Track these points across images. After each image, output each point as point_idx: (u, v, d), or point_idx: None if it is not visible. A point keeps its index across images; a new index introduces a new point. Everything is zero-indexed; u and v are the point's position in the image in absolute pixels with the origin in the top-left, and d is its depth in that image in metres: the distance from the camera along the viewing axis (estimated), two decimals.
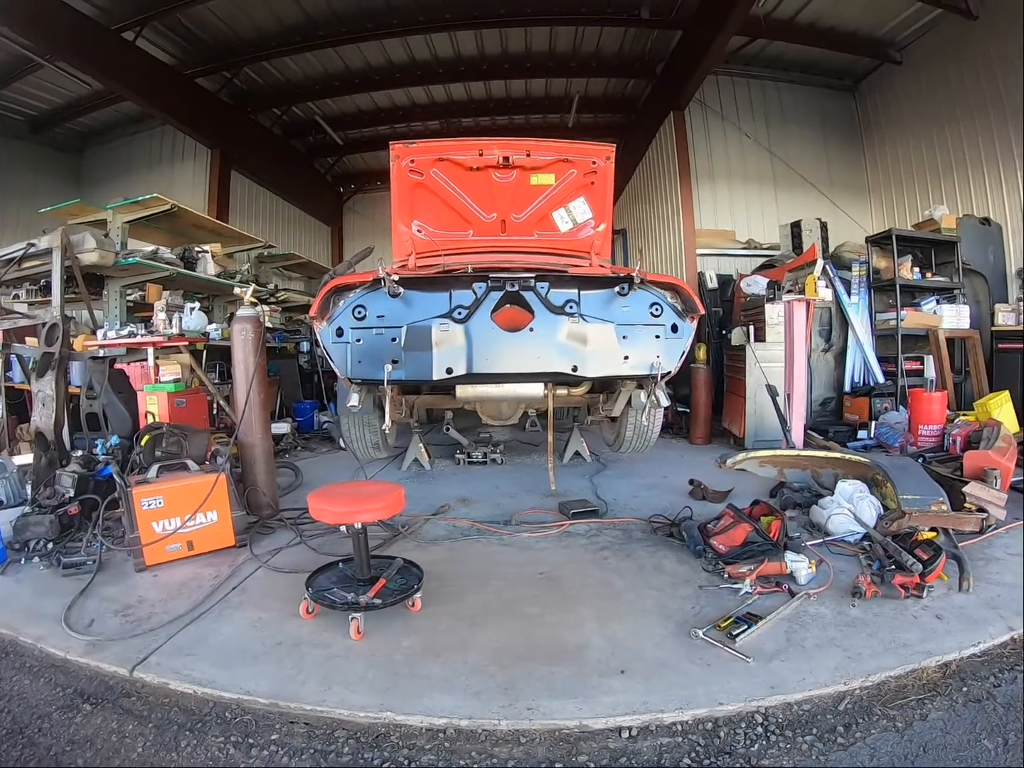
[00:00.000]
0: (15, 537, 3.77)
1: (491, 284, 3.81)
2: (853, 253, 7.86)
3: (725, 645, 2.50)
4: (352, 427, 5.29)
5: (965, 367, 7.34)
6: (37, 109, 11.84)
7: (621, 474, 5.71)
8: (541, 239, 5.12)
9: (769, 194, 11.43)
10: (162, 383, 5.82)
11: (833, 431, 6.66)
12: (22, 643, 2.75)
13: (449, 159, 4.97)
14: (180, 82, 10.55)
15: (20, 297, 6.57)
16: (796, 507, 4.29)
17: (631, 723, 2.11)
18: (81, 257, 5.49)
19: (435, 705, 2.18)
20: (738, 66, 11.15)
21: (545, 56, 11.41)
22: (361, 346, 3.81)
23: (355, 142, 14.73)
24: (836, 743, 2.01)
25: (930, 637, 2.55)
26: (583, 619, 2.83)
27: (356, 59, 11.31)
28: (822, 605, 2.87)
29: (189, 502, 3.63)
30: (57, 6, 7.97)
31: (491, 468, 6.00)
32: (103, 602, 3.10)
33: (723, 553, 3.36)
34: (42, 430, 4.51)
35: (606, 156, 5.06)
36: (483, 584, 3.25)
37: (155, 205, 6.54)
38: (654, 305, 3.97)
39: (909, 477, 3.94)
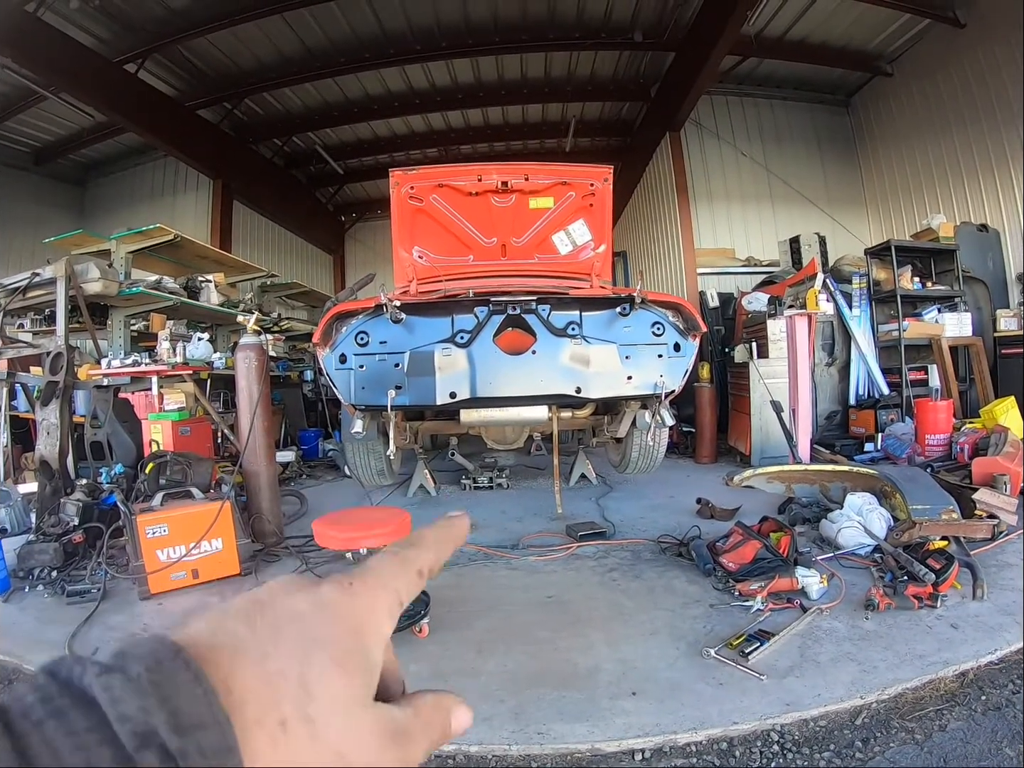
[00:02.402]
0: (19, 565, 3.77)
1: (493, 308, 3.81)
2: (853, 266, 7.87)
3: (738, 663, 2.47)
4: (357, 454, 5.28)
5: (969, 375, 7.32)
6: (41, 140, 11.99)
7: (628, 495, 5.68)
8: (542, 262, 5.14)
9: (767, 211, 11.49)
10: (166, 412, 5.83)
11: (840, 444, 6.62)
12: (26, 671, 2.74)
13: (448, 185, 5.02)
14: (182, 113, 10.70)
15: (25, 326, 6.61)
16: (805, 522, 4.26)
17: (644, 745, 2.08)
18: (85, 287, 5.53)
19: None
20: (732, 85, 11.25)
21: (541, 82, 11.56)
22: (364, 372, 3.80)
23: (355, 171, 14.87)
24: (855, 758, 1.98)
25: (946, 647, 2.52)
26: (593, 642, 2.80)
27: (355, 89, 11.47)
28: (835, 619, 2.84)
29: (194, 530, 3.62)
30: (60, 38, 8.11)
31: (497, 493, 5.97)
32: (108, 630, 3.08)
33: (733, 571, 3.33)
34: (46, 459, 4.51)
35: (604, 178, 5.09)
36: (491, 609, 3.22)
37: (158, 235, 6.58)
38: (656, 324, 3.96)
39: (918, 487, 3.92)
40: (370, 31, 9.72)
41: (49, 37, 7.94)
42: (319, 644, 0.30)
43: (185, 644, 0.28)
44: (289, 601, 0.32)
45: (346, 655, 0.31)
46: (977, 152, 8.93)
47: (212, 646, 0.28)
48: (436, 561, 0.39)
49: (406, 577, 0.37)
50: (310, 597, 0.32)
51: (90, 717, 0.24)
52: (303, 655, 0.29)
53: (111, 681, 0.25)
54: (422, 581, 0.38)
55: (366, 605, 0.33)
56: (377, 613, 0.34)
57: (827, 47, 10.22)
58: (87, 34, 8.77)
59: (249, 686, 0.27)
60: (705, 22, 8.71)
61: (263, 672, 0.28)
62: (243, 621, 0.30)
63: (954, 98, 9.23)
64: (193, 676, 0.26)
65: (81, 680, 0.25)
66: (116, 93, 9.15)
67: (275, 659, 0.29)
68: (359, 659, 0.31)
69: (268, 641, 0.29)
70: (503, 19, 9.66)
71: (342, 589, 0.33)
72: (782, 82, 11.51)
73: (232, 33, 9.30)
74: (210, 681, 0.26)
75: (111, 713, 0.24)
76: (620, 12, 9.46)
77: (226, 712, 0.26)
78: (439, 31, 9.85)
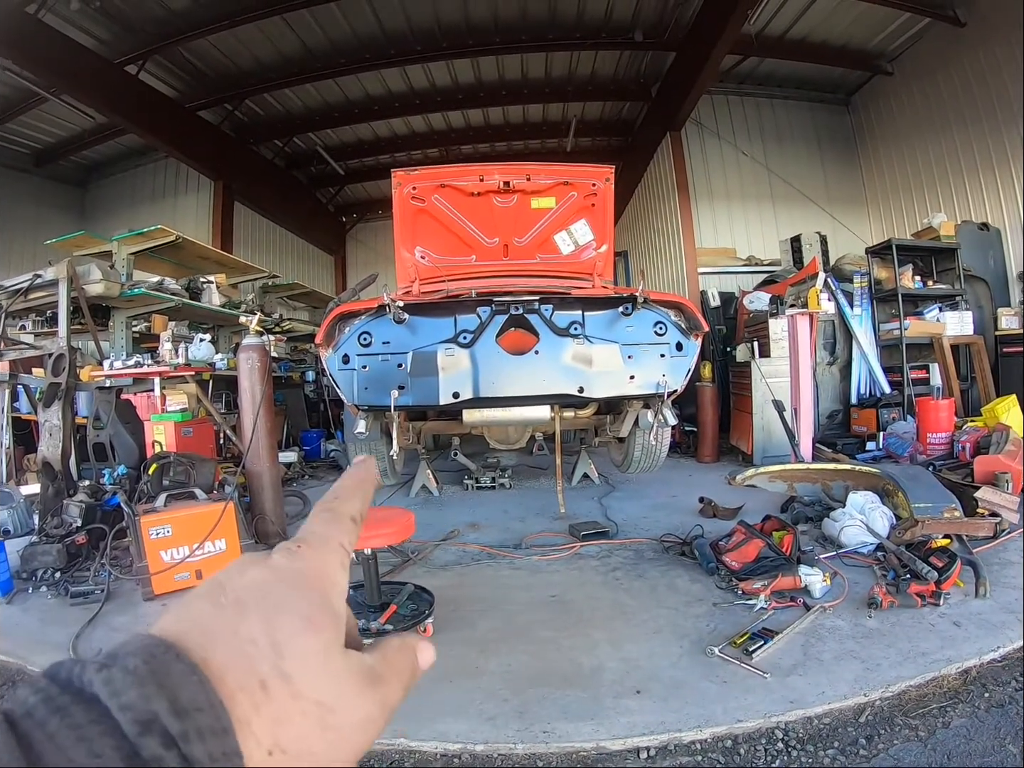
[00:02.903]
0: (23, 566, 3.77)
1: (495, 308, 3.82)
2: (854, 265, 7.87)
3: (742, 662, 2.47)
4: (359, 454, 5.27)
5: (971, 373, 7.31)
6: (41, 142, 12.00)
7: (630, 495, 5.68)
8: (544, 262, 5.15)
9: (768, 210, 11.49)
10: (169, 413, 5.83)
11: (842, 443, 6.63)
12: (30, 672, 2.74)
13: (450, 185, 5.02)
14: (182, 115, 10.71)
15: (26, 328, 6.61)
16: (808, 521, 4.26)
17: (649, 743, 2.09)
18: (87, 288, 5.53)
19: (449, 730, 2.16)
20: (732, 85, 11.26)
21: (542, 82, 11.57)
22: (367, 373, 3.81)
23: (356, 171, 14.87)
24: (859, 756, 1.99)
25: (949, 644, 2.53)
26: (596, 641, 2.80)
27: (355, 89, 11.48)
28: (838, 618, 2.85)
29: (197, 531, 3.63)
30: (61, 40, 8.12)
31: (500, 493, 5.97)
32: (111, 631, 3.09)
33: (736, 570, 3.33)
34: (49, 460, 4.51)
35: (605, 178, 5.10)
36: (495, 608, 3.23)
37: (160, 236, 6.58)
38: (658, 324, 3.96)
39: (920, 485, 3.92)
40: (370, 32, 9.72)
41: (50, 39, 7.95)
42: (282, 607, 0.31)
43: (165, 636, 0.29)
44: (246, 576, 0.33)
45: (311, 610, 0.32)
46: (978, 150, 8.93)
47: (186, 632, 0.29)
48: (363, 505, 0.41)
49: (344, 527, 0.38)
50: (265, 568, 0.34)
51: (91, 711, 0.25)
52: (269, 619, 0.30)
53: (111, 675, 0.26)
54: (358, 527, 0.39)
55: (318, 563, 0.35)
56: (329, 568, 0.35)
57: (827, 46, 10.22)
58: (88, 35, 8.78)
59: (226, 659, 0.28)
60: (706, 21, 8.71)
61: (236, 643, 0.29)
62: (208, 603, 0.32)
63: (955, 97, 9.23)
64: (185, 664, 0.27)
65: (81, 679, 0.26)
66: (117, 94, 9.16)
67: (244, 628, 0.30)
68: (323, 613, 0.32)
69: (234, 615, 0.30)
70: (503, 19, 9.67)
71: (292, 554, 0.35)
72: (783, 81, 11.51)
73: (232, 34, 9.31)
74: (200, 668, 0.27)
75: (113, 704, 0.25)
76: (620, 12, 9.47)
77: (219, 695, 0.27)
78: (439, 31, 9.86)
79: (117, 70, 9.16)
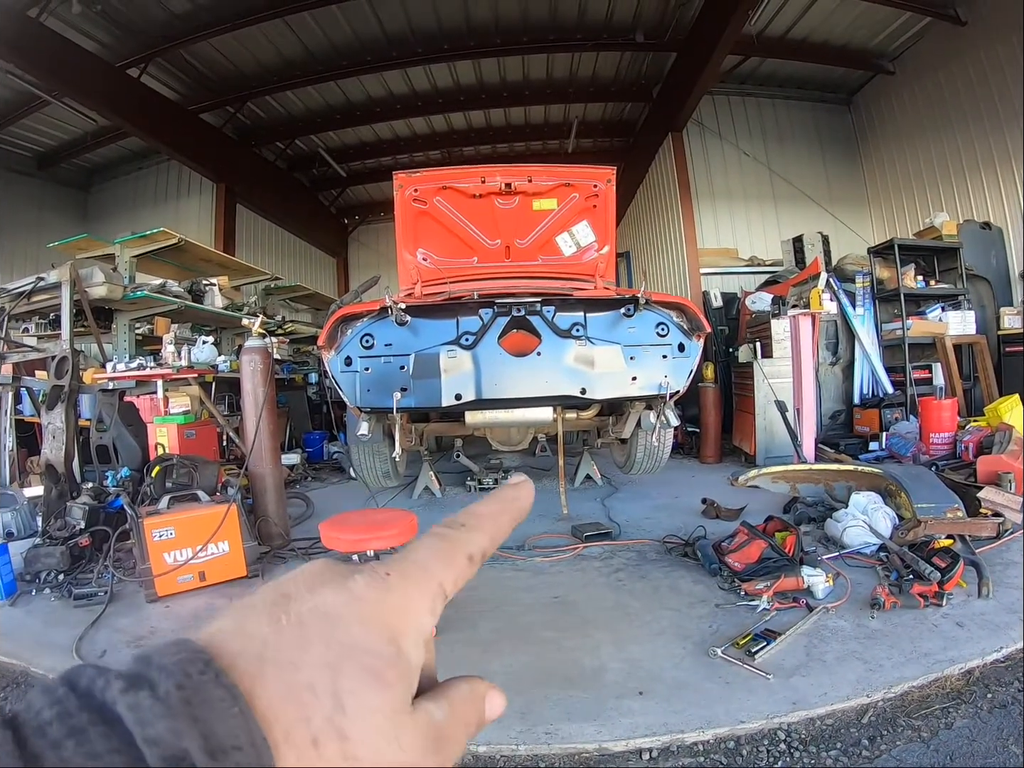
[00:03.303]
0: (26, 569, 3.78)
1: (497, 310, 3.81)
2: (856, 265, 7.87)
3: (744, 663, 2.47)
4: (362, 456, 5.28)
5: (973, 373, 7.30)
6: (44, 145, 12.02)
7: (633, 496, 5.68)
8: (545, 263, 5.15)
9: (770, 210, 11.48)
10: (172, 415, 5.85)
11: (844, 444, 6.62)
12: (34, 673, 2.76)
13: (452, 187, 5.02)
14: (184, 117, 10.72)
15: (29, 330, 6.62)
16: (811, 521, 4.26)
17: (651, 744, 2.09)
18: (90, 291, 5.55)
19: None
20: (733, 85, 11.25)
21: (543, 83, 11.57)
22: (370, 375, 3.80)
23: (358, 173, 14.86)
24: (861, 756, 1.99)
25: (952, 645, 2.53)
26: (599, 642, 2.80)
27: (357, 91, 11.49)
28: (841, 618, 2.85)
29: (200, 533, 3.63)
30: (62, 43, 8.13)
31: None
32: (115, 633, 3.09)
33: (739, 571, 3.33)
34: (52, 462, 4.53)
35: (607, 179, 5.10)
36: (497, 609, 3.23)
37: (162, 239, 6.60)
38: (660, 325, 3.96)
39: (923, 486, 3.92)
40: (371, 33, 9.73)
41: (51, 42, 7.96)
42: (351, 651, 0.28)
43: (211, 650, 0.26)
44: (317, 597, 0.29)
45: (382, 663, 0.28)
46: (980, 149, 8.91)
47: (238, 652, 0.26)
48: (491, 543, 0.35)
49: (453, 564, 0.33)
50: (341, 592, 0.30)
51: (112, 738, 0.22)
52: (334, 663, 0.27)
53: (138, 699, 0.23)
54: (473, 567, 0.34)
55: (404, 600, 0.31)
56: (416, 609, 0.31)
57: (828, 46, 10.20)
58: (89, 39, 8.79)
59: (277, 700, 0.25)
60: (706, 22, 8.70)
61: (292, 683, 0.26)
62: (268, 620, 0.28)
63: (956, 95, 9.21)
64: (226, 692, 0.24)
65: (103, 694, 0.23)
66: (119, 97, 9.17)
67: (304, 669, 0.26)
68: (395, 664, 0.29)
69: (295, 646, 0.27)
70: (504, 21, 9.66)
71: (377, 582, 0.30)
72: (784, 81, 11.49)
73: (234, 37, 9.31)
74: (244, 698, 0.24)
75: (138, 734, 0.22)
76: (621, 13, 9.46)
77: (263, 733, 0.24)
78: (441, 33, 9.86)
79: (119, 73, 9.18)
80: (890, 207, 11.07)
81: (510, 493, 0.39)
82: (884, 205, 11.25)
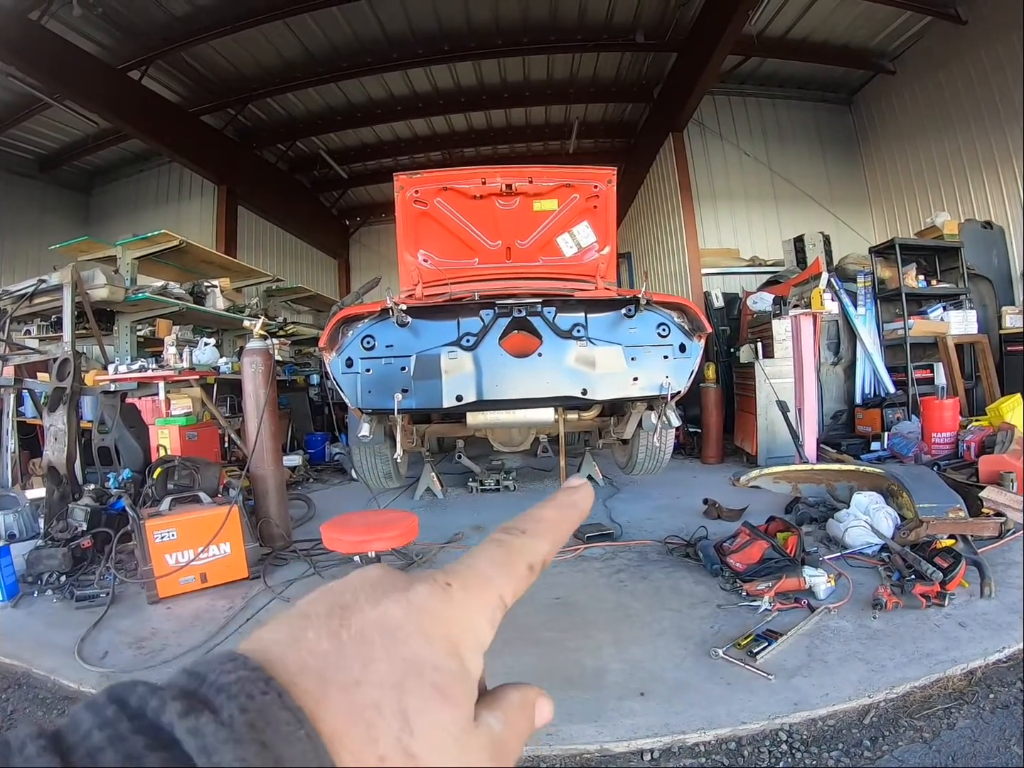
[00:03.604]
0: (28, 570, 3.79)
1: (498, 311, 3.81)
2: (857, 265, 7.86)
3: (746, 663, 2.47)
4: (364, 457, 5.28)
5: (975, 372, 7.30)
6: (45, 148, 12.05)
7: (634, 496, 5.68)
8: (546, 264, 5.15)
9: (771, 210, 11.47)
10: (173, 417, 5.86)
11: (846, 444, 6.61)
12: (35, 675, 2.76)
13: (452, 188, 5.03)
14: (186, 120, 10.74)
15: (31, 333, 6.64)
16: (812, 522, 4.25)
17: (653, 745, 2.08)
18: (91, 293, 5.56)
19: None
20: (734, 85, 11.25)
21: (543, 84, 11.57)
22: (371, 376, 3.80)
23: (359, 175, 14.88)
24: (863, 757, 1.99)
25: (954, 645, 2.52)
26: (600, 643, 2.80)
27: (357, 93, 11.50)
28: (843, 619, 2.84)
29: (202, 534, 3.64)
30: (63, 46, 8.15)
31: (504, 495, 5.97)
32: (116, 634, 3.10)
33: (740, 571, 3.33)
34: (54, 464, 4.54)
35: (607, 180, 5.10)
36: None
37: (164, 241, 6.61)
38: (661, 326, 3.95)
39: (925, 485, 3.91)
40: (372, 35, 9.74)
41: (53, 44, 7.98)
42: (416, 667, 0.27)
43: (268, 668, 0.25)
44: (379, 609, 0.29)
45: (447, 680, 0.28)
46: (981, 149, 8.90)
47: (298, 670, 0.25)
48: (551, 550, 0.35)
49: (513, 574, 0.32)
50: (401, 603, 0.29)
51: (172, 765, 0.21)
52: (399, 681, 0.26)
53: (200, 724, 0.21)
54: (533, 576, 0.33)
55: (465, 612, 0.30)
56: (476, 620, 0.30)
57: (829, 46, 10.20)
58: (90, 41, 8.82)
59: (342, 721, 0.24)
60: (707, 22, 8.70)
61: (357, 703, 0.25)
62: (327, 634, 0.27)
63: (957, 95, 9.21)
64: (291, 715, 0.23)
65: (158, 716, 0.22)
66: (120, 100, 9.19)
67: (368, 687, 0.26)
68: (460, 680, 0.28)
69: (357, 662, 0.26)
70: (505, 22, 9.67)
71: (438, 592, 0.30)
72: (784, 81, 11.50)
73: (234, 39, 9.33)
74: (309, 720, 0.23)
75: (202, 764, 0.21)
76: (622, 14, 9.47)
77: (331, 758, 0.23)
78: (441, 34, 9.87)
79: (120, 75, 9.20)
80: (891, 207, 11.06)
81: (570, 497, 0.38)
82: (885, 205, 11.24)
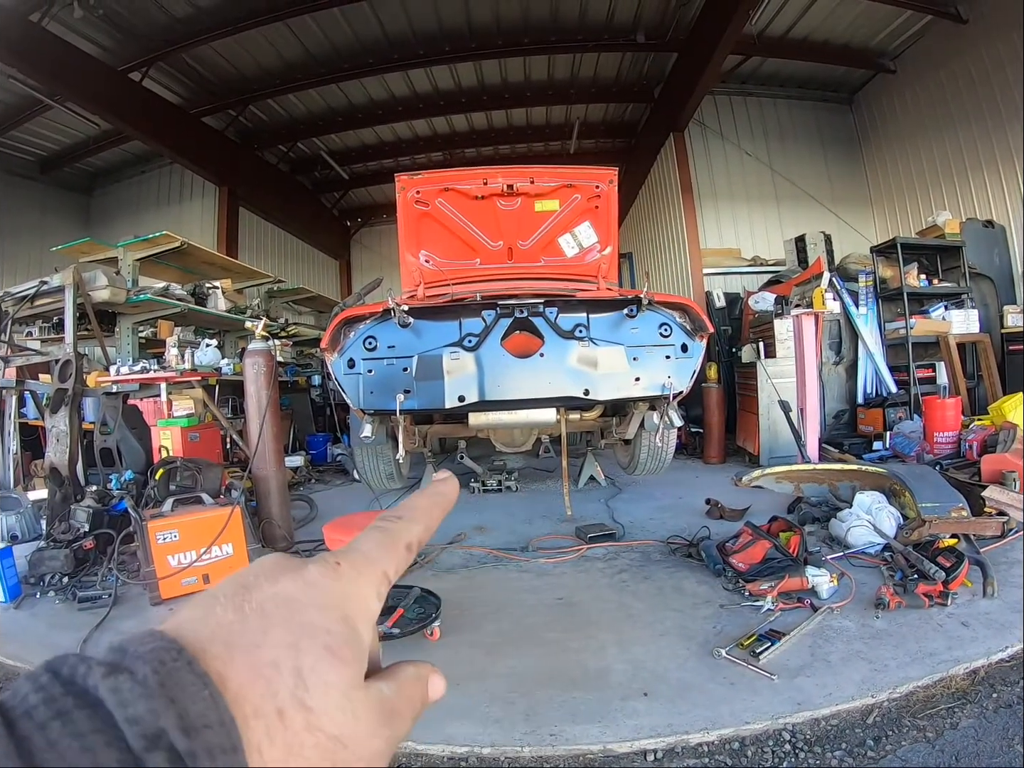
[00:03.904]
0: (30, 571, 3.79)
1: (500, 311, 3.80)
2: (859, 264, 7.85)
3: (749, 663, 2.47)
4: (366, 458, 5.27)
5: (977, 371, 7.29)
6: (46, 149, 12.05)
7: (637, 497, 5.68)
8: (548, 265, 5.15)
9: (772, 210, 11.46)
10: (175, 418, 5.85)
11: (848, 443, 6.61)
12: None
13: (454, 189, 5.03)
14: (187, 121, 10.75)
15: (33, 334, 6.65)
16: (815, 521, 4.25)
17: (656, 746, 2.08)
18: (93, 294, 5.56)
19: (456, 733, 2.16)
20: (735, 85, 11.23)
21: (544, 84, 11.57)
22: (373, 377, 3.79)
23: (360, 176, 14.88)
24: (866, 757, 1.98)
25: (957, 645, 2.52)
26: (603, 643, 2.80)
27: (358, 94, 11.50)
28: (845, 618, 2.84)
29: (204, 535, 3.64)
30: (64, 47, 8.16)
31: (506, 495, 5.97)
32: (119, 636, 3.05)
33: (743, 571, 3.33)
34: (56, 466, 4.54)
35: (609, 180, 5.10)
36: (501, 611, 3.23)
37: (165, 242, 6.62)
38: (663, 326, 3.94)
39: (927, 485, 3.90)
40: (372, 36, 9.74)
41: (54, 46, 7.99)
42: (310, 631, 0.30)
43: (181, 640, 0.28)
44: (277, 586, 0.32)
45: (338, 641, 0.31)
46: (982, 147, 8.89)
47: (207, 639, 0.29)
48: (425, 532, 0.39)
49: (394, 553, 0.36)
50: (297, 580, 0.32)
51: (95, 719, 0.24)
52: (295, 643, 0.29)
53: (118, 683, 0.25)
54: (411, 555, 0.38)
55: (354, 586, 0.33)
56: (365, 594, 0.34)
57: (829, 45, 10.19)
58: (91, 43, 8.83)
59: (246, 680, 0.28)
60: (707, 22, 8.70)
61: (257, 663, 0.28)
62: (232, 609, 0.30)
63: (958, 94, 9.19)
64: (197, 676, 0.26)
65: (85, 680, 0.25)
66: (121, 101, 9.19)
67: (267, 649, 0.29)
68: (350, 643, 0.31)
69: (258, 630, 0.30)
70: (505, 22, 9.67)
71: (329, 570, 0.33)
72: (785, 81, 11.48)
73: (235, 40, 9.34)
74: (213, 681, 0.27)
75: (119, 715, 0.24)
76: (622, 14, 9.47)
77: (231, 712, 0.26)
78: (441, 35, 9.87)
79: (121, 77, 9.21)
80: (892, 206, 11.05)
81: (438, 488, 0.44)
82: (886, 204, 11.22)
